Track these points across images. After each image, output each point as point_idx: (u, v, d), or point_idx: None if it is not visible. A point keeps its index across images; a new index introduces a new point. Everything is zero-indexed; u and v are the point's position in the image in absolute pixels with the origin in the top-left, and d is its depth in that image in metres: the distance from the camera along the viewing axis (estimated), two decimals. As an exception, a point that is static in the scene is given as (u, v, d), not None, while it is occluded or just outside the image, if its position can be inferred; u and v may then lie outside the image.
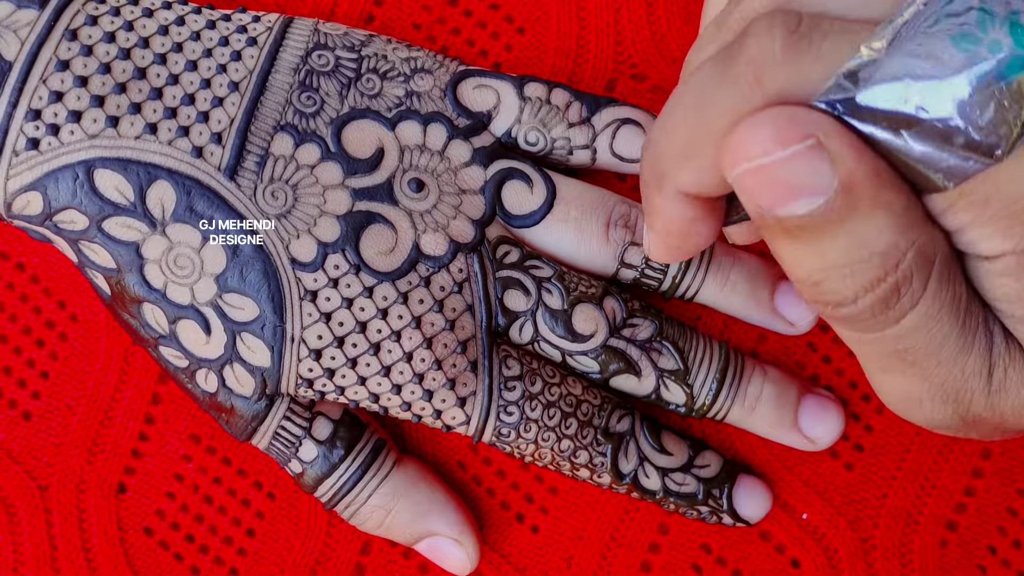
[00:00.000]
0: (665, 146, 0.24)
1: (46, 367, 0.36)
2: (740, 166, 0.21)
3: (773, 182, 0.21)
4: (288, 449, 0.34)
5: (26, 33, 0.31)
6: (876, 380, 0.25)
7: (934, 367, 0.23)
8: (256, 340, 0.32)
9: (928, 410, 0.24)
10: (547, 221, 0.34)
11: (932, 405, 0.24)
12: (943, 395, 0.24)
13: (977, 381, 0.24)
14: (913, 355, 0.23)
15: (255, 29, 0.33)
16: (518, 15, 0.37)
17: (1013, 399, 0.24)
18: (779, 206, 0.21)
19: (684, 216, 0.25)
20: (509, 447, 0.33)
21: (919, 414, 0.25)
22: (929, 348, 0.23)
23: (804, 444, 0.35)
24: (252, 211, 0.32)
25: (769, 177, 0.21)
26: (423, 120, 0.33)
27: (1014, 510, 0.36)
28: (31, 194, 0.31)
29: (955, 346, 0.23)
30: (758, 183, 0.21)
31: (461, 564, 0.35)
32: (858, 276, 0.21)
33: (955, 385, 0.24)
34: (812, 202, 0.21)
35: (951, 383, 0.24)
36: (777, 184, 0.21)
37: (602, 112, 0.34)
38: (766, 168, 0.21)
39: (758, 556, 0.36)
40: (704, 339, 0.34)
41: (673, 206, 0.25)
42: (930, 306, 0.22)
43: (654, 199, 0.25)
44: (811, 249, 0.21)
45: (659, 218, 0.26)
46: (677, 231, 0.26)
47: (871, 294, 0.22)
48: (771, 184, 0.21)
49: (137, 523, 0.36)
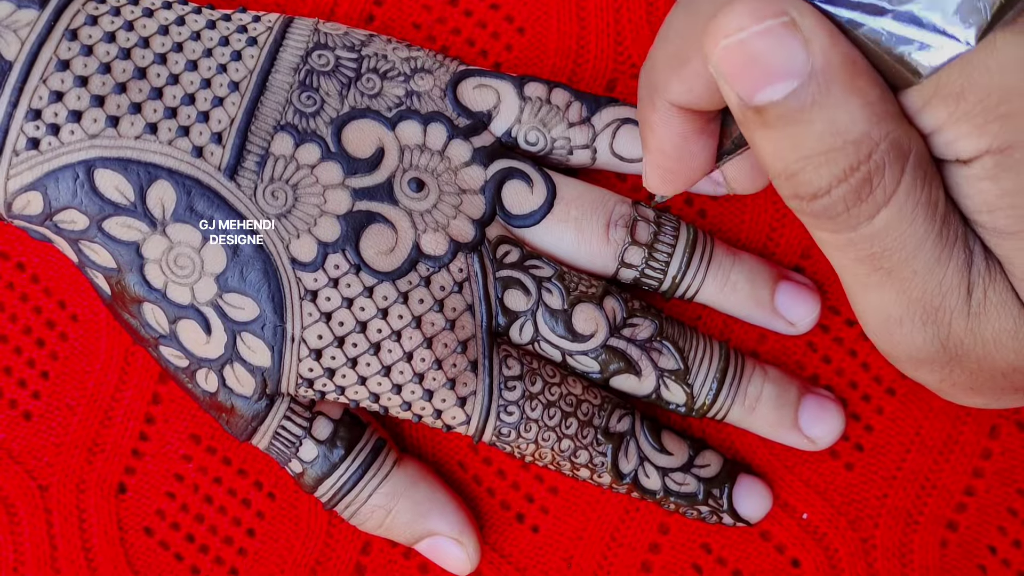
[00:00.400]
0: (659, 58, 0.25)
1: (46, 367, 0.36)
2: (719, 44, 0.22)
3: (749, 63, 0.21)
4: (288, 449, 0.34)
5: (26, 33, 0.31)
6: (857, 301, 0.25)
7: (910, 277, 0.23)
8: (256, 340, 0.32)
9: (908, 332, 0.24)
10: (547, 221, 0.34)
11: (912, 326, 0.24)
12: (922, 313, 0.24)
13: (955, 299, 0.23)
14: (889, 261, 0.23)
15: (255, 29, 0.33)
16: (518, 15, 0.37)
17: (994, 323, 0.24)
18: (756, 91, 0.22)
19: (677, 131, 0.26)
20: (509, 447, 0.33)
21: (899, 337, 0.25)
22: (904, 253, 0.23)
23: (804, 444, 0.35)
24: (252, 211, 0.32)
25: (744, 56, 0.21)
26: (423, 120, 0.33)
27: (1014, 510, 0.36)
28: (31, 194, 0.31)
29: (931, 255, 0.23)
30: (734, 65, 0.22)
31: (461, 564, 0.35)
32: (832, 165, 0.22)
33: (933, 301, 0.24)
34: (787, 86, 0.21)
35: (929, 298, 0.24)
36: (753, 66, 0.21)
37: (602, 112, 0.34)
38: (743, 46, 0.21)
39: (758, 556, 0.36)
40: (704, 339, 0.34)
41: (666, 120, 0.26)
42: (903, 204, 0.22)
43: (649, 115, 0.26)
44: (788, 139, 0.22)
45: (653, 136, 0.26)
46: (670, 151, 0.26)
47: (844, 184, 0.22)
48: (747, 65, 0.22)
49: (137, 523, 0.36)
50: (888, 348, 0.25)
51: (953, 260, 0.23)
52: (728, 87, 0.22)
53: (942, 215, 0.23)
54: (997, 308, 0.24)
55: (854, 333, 0.36)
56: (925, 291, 0.24)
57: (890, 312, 0.24)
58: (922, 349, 0.25)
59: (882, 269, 0.23)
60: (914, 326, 0.24)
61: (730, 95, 0.22)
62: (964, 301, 0.24)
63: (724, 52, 0.22)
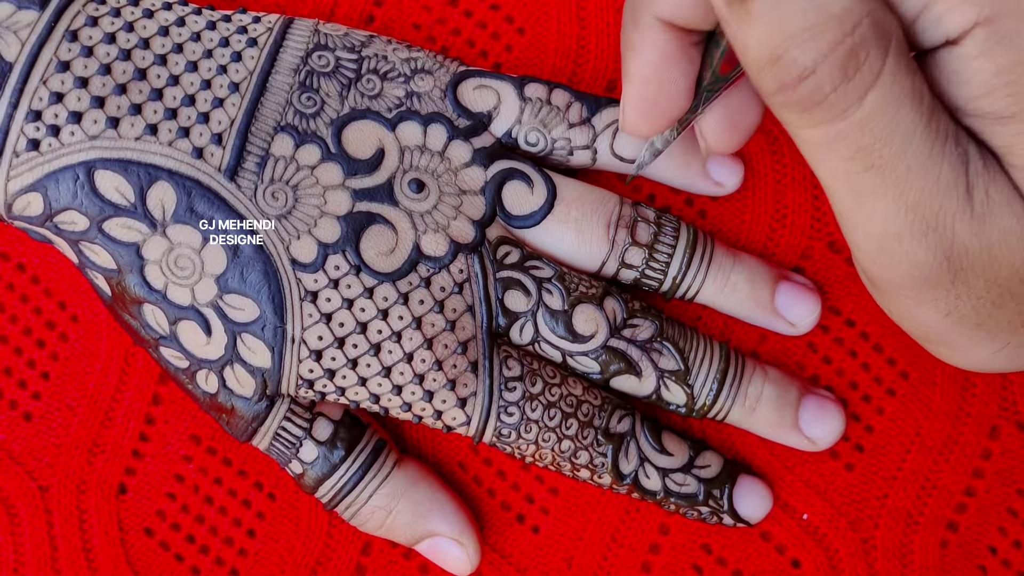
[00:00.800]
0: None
1: (47, 368, 0.36)
2: None
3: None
4: (289, 450, 0.34)
5: (26, 34, 0.31)
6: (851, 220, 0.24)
7: (904, 175, 0.23)
8: (256, 341, 0.32)
9: (908, 246, 0.24)
10: (547, 222, 0.34)
11: (912, 238, 0.23)
12: (922, 221, 0.23)
13: (955, 200, 0.23)
14: (880, 155, 0.23)
15: (255, 30, 0.33)
16: (518, 15, 0.37)
17: (1000, 223, 0.23)
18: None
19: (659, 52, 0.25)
20: (510, 448, 0.33)
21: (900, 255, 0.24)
22: (895, 144, 0.23)
23: (804, 444, 0.35)
24: (252, 212, 0.32)
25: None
26: (423, 121, 0.33)
27: (1014, 510, 0.36)
28: (32, 195, 0.31)
29: (922, 147, 0.23)
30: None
31: (462, 564, 0.35)
32: (817, 39, 0.22)
33: (932, 204, 0.23)
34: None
35: (927, 201, 0.23)
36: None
37: (602, 112, 0.34)
38: None
39: (759, 556, 0.36)
40: (705, 339, 0.34)
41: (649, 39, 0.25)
42: (890, 87, 0.22)
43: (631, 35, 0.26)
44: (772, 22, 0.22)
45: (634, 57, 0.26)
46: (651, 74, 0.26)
47: (830, 59, 0.22)
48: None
49: (138, 524, 0.36)
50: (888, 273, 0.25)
51: (947, 157, 0.23)
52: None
53: (928, 107, 0.23)
54: (1001, 207, 0.23)
55: (854, 334, 0.36)
56: (923, 192, 0.23)
57: (888, 226, 0.24)
58: (925, 265, 0.24)
59: (874, 167, 0.23)
60: (914, 238, 0.23)
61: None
62: (965, 201, 0.23)
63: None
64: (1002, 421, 0.36)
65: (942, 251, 0.24)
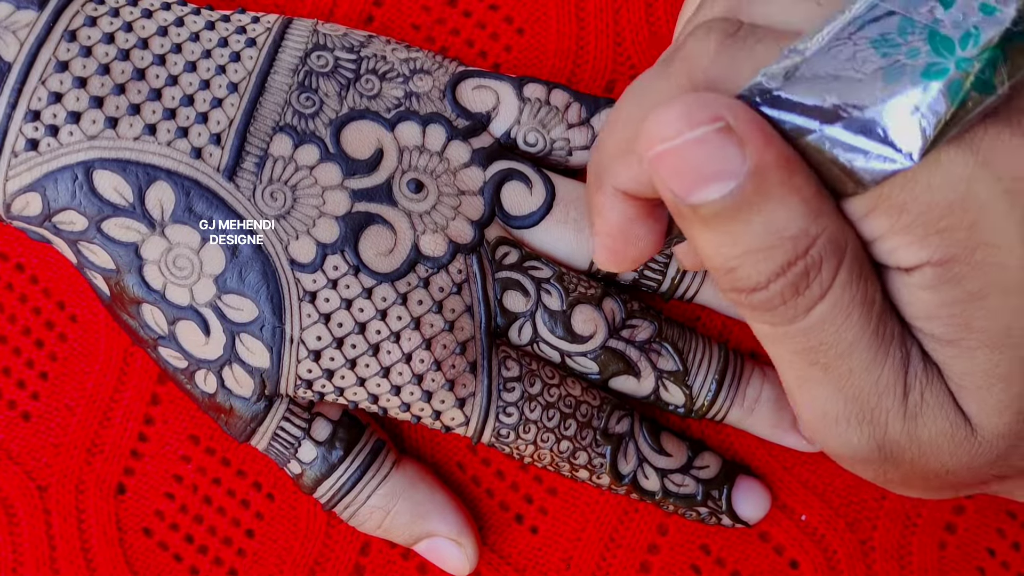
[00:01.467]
0: (608, 143, 0.25)
1: (45, 368, 0.36)
2: (653, 149, 0.21)
3: (683, 166, 0.21)
4: (287, 450, 0.34)
5: (25, 34, 0.31)
6: (795, 396, 0.25)
7: (846, 375, 0.23)
8: (255, 341, 0.32)
9: (844, 430, 0.24)
10: (546, 222, 0.34)
11: (848, 425, 0.24)
12: (859, 412, 0.24)
13: (891, 399, 0.23)
14: (825, 356, 0.23)
15: (254, 30, 0.33)
16: (517, 16, 0.37)
17: (931, 427, 0.24)
18: (692, 192, 0.21)
19: (623, 216, 0.25)
20: (508, 448, 0.33)
21: (835, 436, 0.24)
22: (840, 348, 0.23)
23: (803, 445, 0.35)
24: (251, 212, 0.32)
25: (679, 161, 0.21)
26: (422, 121, 0.33)
27: (1012, 512, 0.36)
28: (30, 195, 0.31)
29: (867, 353, 0.23)
30: (670, 168, 0.21)
31: (460, 565, 0.35)
32: (770, 261, 0.22)
33: (869, 401, 0.23)
34: (723, 187, 0.21)
35: (865, 398, 0.23)
36: (687, 168, 0.21)
37: (601, 113, 0.34)
38: (676, 151, 0.21)
39: (757, 557, 0.36)
40: (703, 340, 0.34)
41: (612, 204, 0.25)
42: (839, 298, 0.22)
43: (595, 197, 0.26)
44: (726, 236, 0.22)
45: (600, 218, 0.26)
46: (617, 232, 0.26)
47: (782, 279, 0.22)
48: (682, 169, 0.21)
49: (136, 524, 0.36)
50: (824, 444, 0.25)
51: (889, 360, 0.23)
52: (663, 184, 0.22)
53: (878, 313, 0.23)
54: (934, 410, 0.24)
55: (853, 334, 0.36)
56: (861, 390, 0.23)
57: (827, 409, 0.24)
58: (858, 449, 0.24)
59: (818, 364, 0.23)
60: (850, 426, 0.24)
61: (664, 192, 0.22)
62: (900, 402, 0.23)
63: (658, 156, 0.21)
64: (1001, 422, 0.36)
65: (875, 440, 0.24)
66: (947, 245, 0.22)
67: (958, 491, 0.26)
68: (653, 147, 0.21)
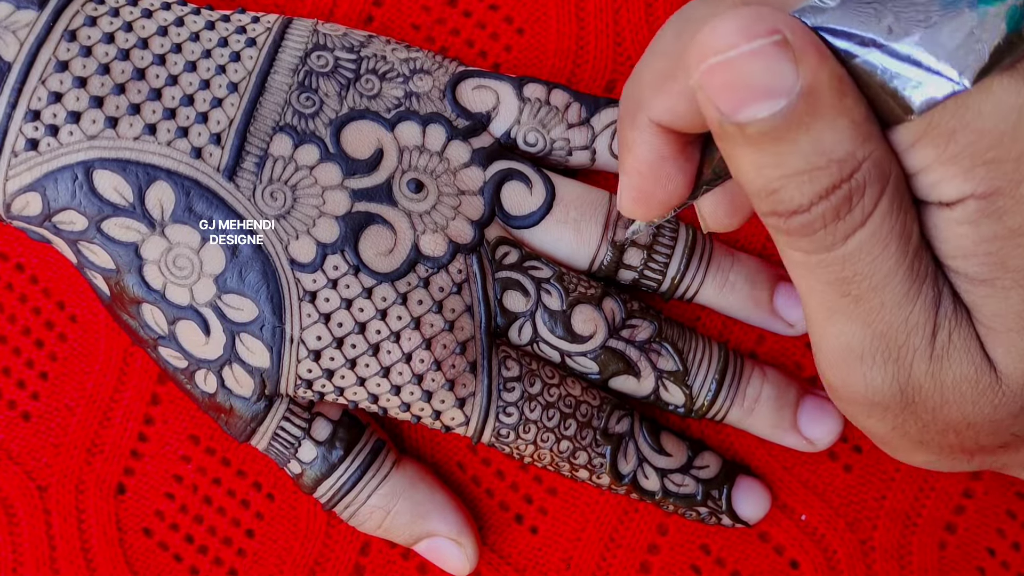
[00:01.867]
0: (645, 74, 0.25)
1: (45, 368, 0.36)
2: (706, 61, 0.21)
3: (735, 80, 0.21)
4: (287, 450, 0.34)
5: (25, 34, 0.31)
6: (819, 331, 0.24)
7: (877, 308, 0.23)
8: (255, 341, 0.32)
9: (867, 369, 0.24)
10: (546, 222, 0.34)
11: (872, 362, 0.24)
12: (885, 349, 0.24)
13: (919, 337, 0.23)
14: (858, 287, 0.23)
15: (254, 30, 0.33)
16: (517, 16, 0.37)
17: (956, 370, 0.24)
18: (741, 108, 0.21)
19: (654, 152, 0.25)
20: (508, 448, 0.33)
21: (858, 374, 0.24)
22: (874, 280, 0.23)
23: (803, 445, 0.35)
24: (251, 212, 0.32)
25: (731, 74, 0.21)
26: (422, 121, 0.33)
27: (1013, 512, 0.36)
28: (30, 195, 0.31)
29: (900, 288, 0.23)
30: (720, 83, 0.21)
31: (460, 565, 0.35)
32: (815, 183, 0.22)
33: (897, 338, 0.23)
34: (774, 104, 0.21)
35: (893, 334, 0.23)
36: (739, 83, 0.21)
37: (601, 113, 0.34)
38: (729, 64, 0.21)
39: (757, 557, 0.36)
40: (703, 340, 0.34)
41: (644, 139, 0.25)
42: (879, 227, 0.22)
43: (628, 133, 0.25)
44: (771, 156, 0.21)
45: (630, 154, 0.26)
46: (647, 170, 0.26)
47: (825, 202, 0.22)
48: (733, 83, 0.21)
49: (136, 524, 0.36)
50: (843, 385, 0.25)
51: (922, 297, 0.23)
52: (709, 102, 0.21)
53: (915, 248, 0.23)
54: (960, 353, 0.23)
55: (853, 334, 0.36)
56: (891, 326, 0.23)
57: (852, 346, 0.24)
58: (879, 390, 0.24)
59: (850, 295, 0.23)
60: (875, 363, 0.24)
61: (710, 110, 0.21)
62: (928, 342, 0.23)
63: (709, 70, 0.21)
64: (1001, 422, 0.36)
65: (898, 382, 0.24)
66: (993, 177, 0.21)
67: (972, 457, 0.26)
68: (706, 59, 0.21)
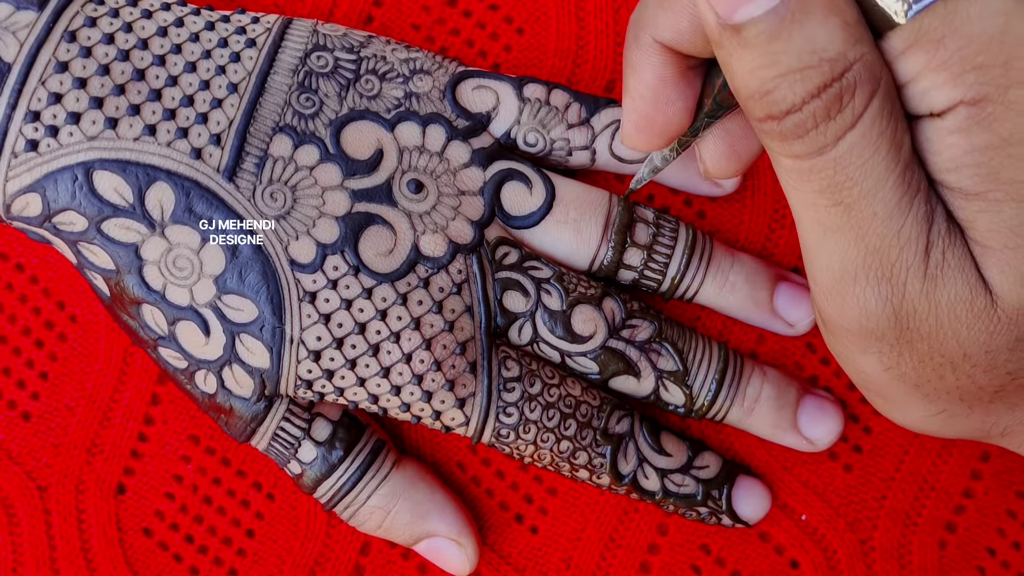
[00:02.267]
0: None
1: (45, 368, 0.36)
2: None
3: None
4: (287, 450, 0.34)
5: (25, 35, 0.31)
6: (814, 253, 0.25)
7: (869, 219, 0.23)
8: (255, 341, 0.32)
9: (861, 290, 0.24)
10: (546, 222, 0.34)
11: (866, 282, 0.24)
12: (878, 267, 0.24)
13: (912, 253, 0.24)
14: (850, 194, 0.23)
15: (254, 30, 0.33)
16: (517, 16, 0.37)
17: (950, 290, 0.24)
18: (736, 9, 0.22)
19: (657, 73, 0.26)
20: (508, 448, 0.33)
21: (852, 297, 0.24)
22: (865, 186, 0.23)
23: (803, 445, 0.35)
24: (251, 212, 0.32)
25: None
26: (422, 121, 0.33)
27: (1013, 512, 0.36)
28: (30, 196, 0.31)
29: (892, 197, 0.23)
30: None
31: (460, 565, 0.35)
32: (807, 81, 0.22)
33: (890, 254, 0.24)
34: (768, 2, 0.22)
35: (885, 250, 0.24)
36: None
37: (601, 113, 0.34)
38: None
39: (757, 557, 0.36)
40: (703, 340, 0.34)
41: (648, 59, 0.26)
42: (869, 130, 0.23)
43: (632, 54, 0.26)
44: (764, 56, 0.22)
45: (634, 75, 0.27)
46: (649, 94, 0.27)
47: (816, 100, 0.23)
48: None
49: (136, 524, 0.36)
50: (838, 315, 0.25)
51: (913, 210, 0.23)
52: (707, 7, 0.22)
53: (906, 158, 0.23)
54: (955, 273, 0.24)
55: (853, 334, 0.36)
56: (883, 239, 0.24)
57: (845, 266, 0.24)
58: (873, 314, 0.24)
59: (842, 204, 0.23)
60: (868, 283, 0.24)
61: (708, 15, 0.23)
62: (921, 259, 0.24)
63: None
64: (1001, 422, 0.36)
65: (892, 304, 0.24)
66: (981, 83, 0.22)
67: (972, 410, 0.26)
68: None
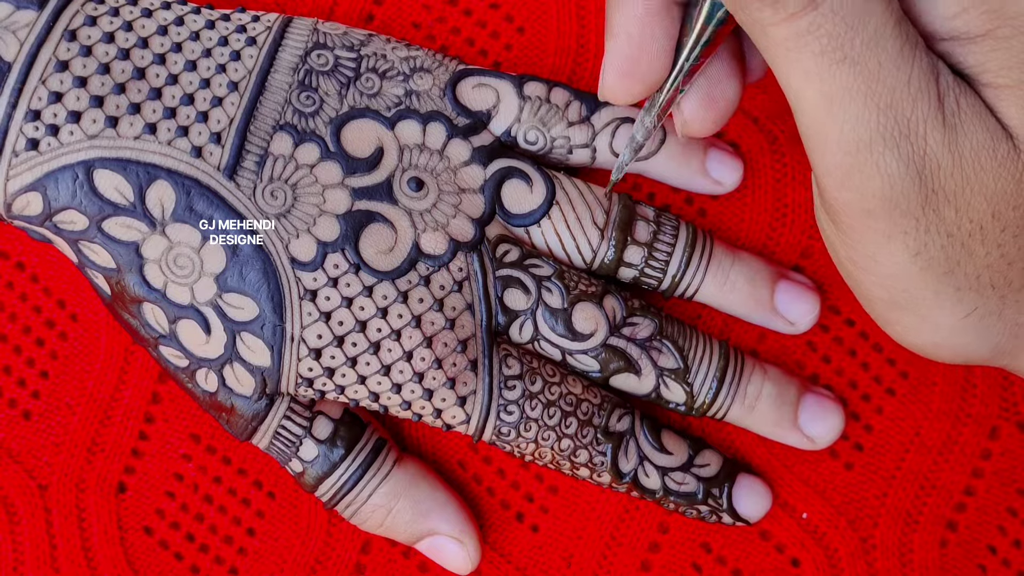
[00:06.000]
0: None
1: (46, 366, 0.36)
2: None
3: None
4: (288, 448, 0.34)
5: (25, 34, 0.31)
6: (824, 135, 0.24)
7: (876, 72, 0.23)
8: (256, 340, 0.32)
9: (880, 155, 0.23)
10: (547, 220, 0.34)
11: (884, 147, 0.23)
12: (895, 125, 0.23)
13: (926, 104, 0.23)
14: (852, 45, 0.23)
15: (254, 29, 0.33)
16: (518, 14, 0.37)
17: (971, 138, 0.23)
18: None
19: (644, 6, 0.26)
20: (509, 446, 0.33)
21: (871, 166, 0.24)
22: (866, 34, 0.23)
23: (804, 443, 0.35)
24: (252, 211, 0.32)
25: None
26: (422, 119, 0.33)
27: (1014, 510, 0.36)
28: (31, 194, 0.31)
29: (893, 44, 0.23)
30: None
31: (462, 563, 0.35)
32: None
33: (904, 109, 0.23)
34: None
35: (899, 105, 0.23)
36: None
37: (601, 111, 0.34)
38: None
39: (758, 555, 0.36)
40: (704, 338, 0.34)
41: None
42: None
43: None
44: None
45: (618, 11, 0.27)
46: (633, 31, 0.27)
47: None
48: None
49: (137, 522, 0.36)
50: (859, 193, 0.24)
51: (917, 60, 0.23)
52: None
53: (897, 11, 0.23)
54: (972, 120, 0.23)
55: (854, 333, 0.36)
56: (894, 93, 0.23)
57: (860, 134, 0.23)
58: (897, 177, 0.24)
59: (847, 59, 0.23)
60: (887, 147, 0.23)
61: None
62: (936, 108, 0.23)
63: None
64: (1002, 422, 0.36)
65: (915, 164, 0.23)
66: None
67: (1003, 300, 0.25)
68: None
